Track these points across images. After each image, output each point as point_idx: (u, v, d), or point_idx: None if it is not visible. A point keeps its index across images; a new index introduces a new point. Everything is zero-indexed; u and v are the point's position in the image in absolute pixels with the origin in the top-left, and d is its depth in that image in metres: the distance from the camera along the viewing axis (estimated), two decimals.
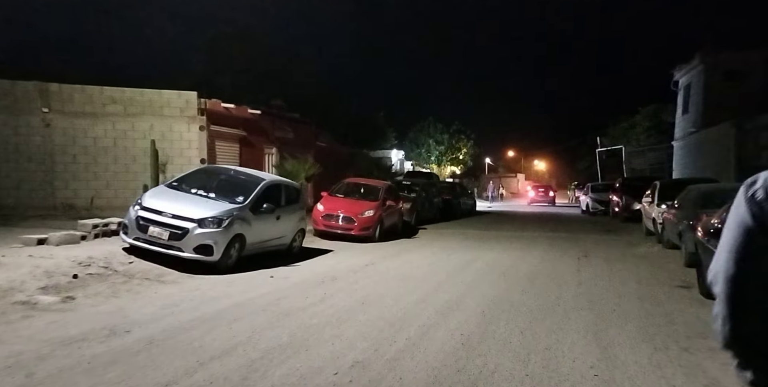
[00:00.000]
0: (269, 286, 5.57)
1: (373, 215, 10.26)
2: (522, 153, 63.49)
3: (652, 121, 27.47)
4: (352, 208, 10.22)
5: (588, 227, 14.97)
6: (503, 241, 11.19)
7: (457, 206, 18.07)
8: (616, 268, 7.60)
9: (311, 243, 9.29)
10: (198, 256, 5.74)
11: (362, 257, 7.91)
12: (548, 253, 9.20)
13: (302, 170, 13.30)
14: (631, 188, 16.34)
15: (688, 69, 18.24)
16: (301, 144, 15.86)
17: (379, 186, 11.44)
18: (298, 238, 7.87)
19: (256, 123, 13.11)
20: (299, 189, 8.17)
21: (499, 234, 12.62)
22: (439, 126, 32.02)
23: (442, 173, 32.42)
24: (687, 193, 8.67)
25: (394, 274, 6.54)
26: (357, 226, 9.93)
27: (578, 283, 6.36)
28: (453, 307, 4.96)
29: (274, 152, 14.28)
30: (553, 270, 7.37)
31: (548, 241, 11.26)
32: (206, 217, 5.83)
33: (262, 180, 6.94)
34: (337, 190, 11.13)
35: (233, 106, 11.83)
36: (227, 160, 11.58)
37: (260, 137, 13.44)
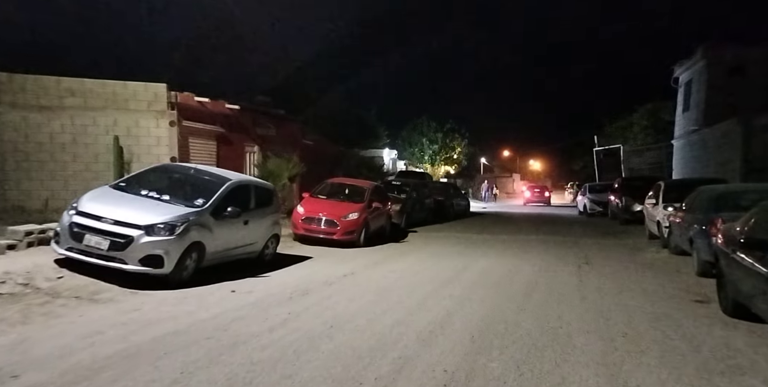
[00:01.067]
0: (227, 303, 4.79)
1: (358, 218, 9.49)
2: (518, 153, 63.12)
3: (650, 120, 26.88)
4: (335, 210, 9.44)
5: (587, 230, 14.28)
6: (497, 245, 10.45)
7: (449, 207, 17.34)
8: (622, 278, 6.87)
9: (289, 249, 8.50)
10: (145, 268, 4.94)
11: (342, 265, 7.14)
12: (546, 260, 8.46)
13: (285, 170, 12.51)
14: (631, 189, 15.67)
15: (690, 65, 17.59)
16: (286, 142, 15.04)
17: (365, 186, 10.66)
18: (271, 245, 7.08)
19: (235, 119, 12.28)
20: (272, 190, 7.36)
21: (493, 237, 11.89)
22: (433, 124, 31.25)
23: (435, 173, 31.67)
24: (698, 195, 7.96)
25: (374, 287, 5.77)
26: (340, 230, 9.15)
27: (581, 298, 5.62)
28: (436, 330, 4.20)
29: (255, 150, 13.46)
30: (552, 280, 6.63)
31: (545, 245, 10.54)
32: (155, 223, 5.03)
33: (228, 180, 6.13)
34: (320, 191, 10.34)
35: (208, 100, 10.98)
36: (202, 158, 10.75)
37: (240, 134, 12.62)
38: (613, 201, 16.71)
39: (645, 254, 9.23)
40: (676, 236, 8.53)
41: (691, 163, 17.76)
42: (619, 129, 30.35)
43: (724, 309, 5.03)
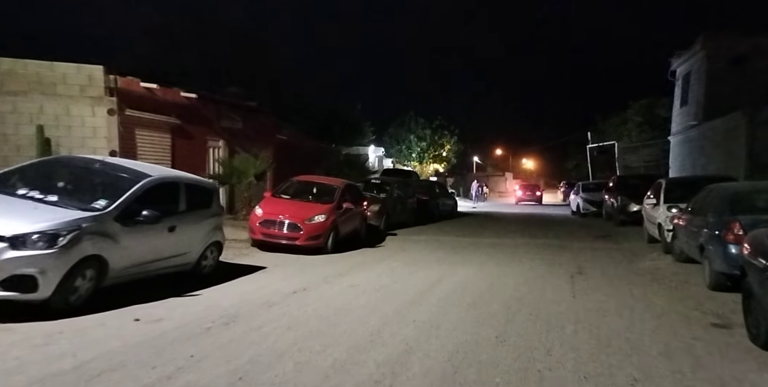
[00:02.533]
0: (114, 340, 3.64)
1: (325, 221, 8.39)
2: (510, 151, 62.50)
3: (645, 116, 26.05)
4: (299, 212, 8.33)
5: (580, 232, 13.29)
6: (481, 251, 9.41)
7: (434, 208, 16.29)
8: (622, 293, 5.85)
9: (243, 257, 7.39)
10: (9, 293, 3.81)
11: (298, 278, 6.04)
12: (534, 269, 7.43)
13: (252, 166, 11.36)
14: (627, 187, 14.75)
15: (688, 56, 16.68)
16: (257, 137, 13.91)
17: (336, 185, 9.56)
18: (210, 255, 5.95)
19: (195, 110, 11.12)
20: (212, 189, 6.18)
21: (478, 241, 10.85)
22: (421, 121, 30.14)
23: (424, 171, 30.62)
24: (707, 195, 6.96)
25: (323, 310, 4.68)
26: (303, 235, 8.05)
27: (575, 322, 4.58)
28: (386, 379, 3.13)
29: (220, 145, 12.32)
30: (541, 296, 5.59)
31: (535, 250, 9.51)
32: (26, 232, 3.88)
33: (145, 177, 4.95)
34: (284, 191, 9.22)
35: (156, 87, 9.73)
36: (153, 153, 9.60)
37: (202, 127, 11.46)
38: (608, 201, 15.75)
39: (645, 261, 8.24)
40: (681, 241, 7.54)
41: (690, 160, 16.86)
42: (613, 126, 29.52)
43: (753, 338, 4.01)
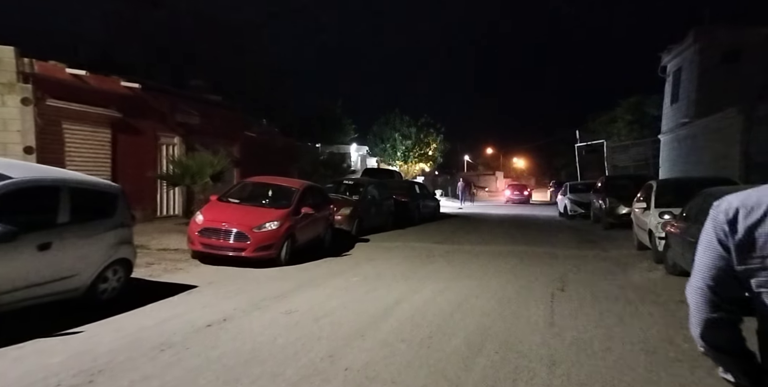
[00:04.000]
0: None
1: (278, 229, 7.41)
2: (501, 150, 62.14)
3: (634, 115, 25.43)
4: (247, 218, 7.34)
5: (566, 236, 12.47)
6: (456, 260, 8.51)
7: (414, 210, 15.37)
8: (610, 318, 4.97)
9: (175, 273, 6.39)
10: None
11: (226, 302, 5.04)
12: (511, 284, 6.54)
13: (208, 166, 10.32)
14: (616, 188, 13.97)
15: (680, 50, 15.94)
16: (221, 133, 12.87)
17: (295, 187, 8.57)
18: (113, 276, 4.89)
19: (143, 103, 10.03)
20: (114, 194, 5.08)
21: (455, 249, 9.95)
22: (406, 118, 29.16)
23: (410, 171, 29.70)
24: (704, 200, 6.12)
25: (233, 354, 3.68)
26: (251, 245, 7.06)
27: (550, 363, 3.68)
28: None
29: (176, 142, 11.25)
30: (513, 324, 4.68)
31: (515, 260, 8.63)
32: None
33: (3, 178, 3.86)
34: (232, 194, 8.21)
35: (85, 73, 8.57)
36: (89, 150, 8.53)
37: (152, 122, 10.38)
38: (596, 202, 14.98)
39: (635, 273, 7.39)
40: (675, 252, 6.70)
41: (681, 159, 16.15)
42: (602, 124, 28.88)
43: None
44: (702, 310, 1.13)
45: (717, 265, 1.11)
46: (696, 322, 1.14)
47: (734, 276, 1.10)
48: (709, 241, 1.12)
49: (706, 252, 1.13)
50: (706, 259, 1.13)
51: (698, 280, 1.14)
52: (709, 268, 1.12)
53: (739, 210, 1.09)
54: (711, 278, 1.11)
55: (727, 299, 1.11)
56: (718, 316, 1.11)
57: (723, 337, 1.12)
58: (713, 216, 1.12)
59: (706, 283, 1.12)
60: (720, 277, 1.10)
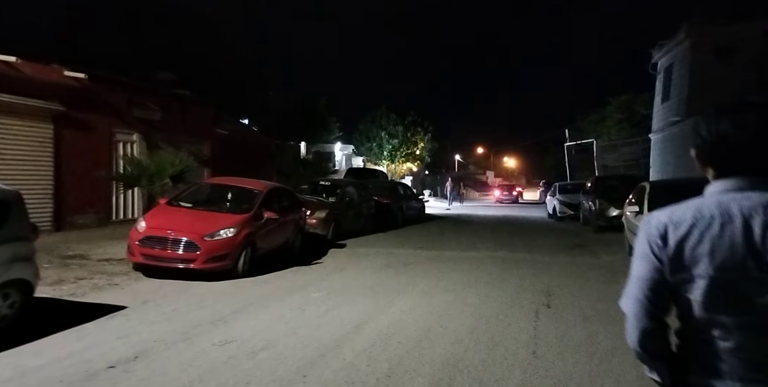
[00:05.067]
0: None
1: (234, 236, 6.64)
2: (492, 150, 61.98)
3: (624, 113, 25.02)
4: (198, 225, 6.55)
5: (554, 240, 11.85)
6: (435, 269, 7.82)
7: (397, 212, 14.67)
8: (603, 341, 4.30)
9: (107, 289, 5.59)
10: None
11: (152, 329, 4.22)
12: (491, 299, 5.86)
13: (168, 165, 9.46)
14: (606, 189, 13.42)
15: (671, 46, 15.42)
16: (189, 130, 12.03)
17: (258, 189, 7.79)
18: (2, 301, 4.01)
19: (94, 95, 9.13)
20: (6, 200, 4.13)
21: (436, 255, 9.25)
22: (393, 117, 28.39)
23: (397, 171, 28.99)
24: None
25: None
26: (201, 256, 6.28)
27: None
28: None
29: (134, 139, 10.37)
30: (489, 356, 3.99)
31: (498, 269, 7.96)
32: None
33: None
34: (185, 197, 7.41)
35: (16, 60, 7.59)
36: (24, 147, 7.65)
37: (105, 117, 9.49)
38: (586, 203, 14.41)
39: None
40: None
41: (672, 159, 15.64)
42: (592, 123, 28.49)
43: None
44: (640, 320, 1.20)
45: (653, 276, 1.19)
46: (634, 331, 1.21)
47: (667, 286, 1.18)
48: (645, 254, 1.20)
49: (642, 264, 1.21)
50: (643, 271, 1.20)
51: (636, 292, 1.21)
52: (645, 279, 1.20)
53: (668, 225, 1.18)
54: (648, 289, 1.19)
55: (662, 308, 1.20)
56: (655, 325, 1.19)
57: (658, 344, 1.21)
58: (646, 231, 1.21)
59: (643, 293, 1.20)
60: (655, 287, 1.19)
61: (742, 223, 1.10)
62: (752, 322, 1.10)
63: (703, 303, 1.12)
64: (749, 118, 1.17)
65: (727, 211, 1.13)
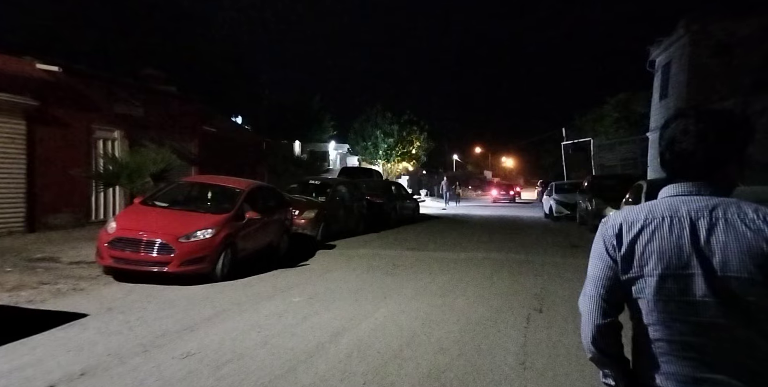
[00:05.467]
0: None
1: (213, 237, 6.31)
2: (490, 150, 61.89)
3: (622, 112, 24.77)
4: (173, 225, 6.22)
5: (549, 241, 11.56)
6: (425, 271, 7.51)
7: (390, 212, 14.36)
8: None
9: (72, 294, 5.26)
10: None
11: (104, 343, 3.83)
12: (481, 304, 5.56)
13: (149, 163, 9.12)
14: (603, 189, 13.15)
15: (669, 43, 15.15)
16: (175, 128, 11.69)
17: (240, 188, 7.46)
18: None
19: (70, 90, 8.75)
20: None
21: (428, 257, 8.95)
22: (389, 115, 28.04)
23: (393, 170, 28.64)
24: None
25: None
26: (176, 258, 5.94)
27: None
28: None
29: (116, 137, 10.01)
30: (475, 367, 3.69)
31: (490, 270, 7.67)
32: None
33: None
34: (162, 196, 7.06)
35: None
36: None
37: (84, 113, 9.12)
38: (582, 203, 14.14)
39: None
40: None
41: None
42: (590, 122, 28.24)
43: None
44: (594, 317, 1.22)
45: (607, 275, 1.21)
46: (588, 329, 1.23)
47: (620, 285, 1.20)
48: (600, 254, 1.23)
49: (597, 263, 1.24)
50: (598, 270, 1.23)
51: (591, 290, 1.24)
52: (600, 278, 1.22)
53: (623, 225, 1.21)
54: (602, 287, 1.21)
55: (616, 307, 1.21)
56: (608, 322, 1.21)
57: (610, 343, 1.23)
58: (602, 231, 1.25)
59: (598, 292, 1.22)
60: (609, 286, 1.21)
61: (689, 224, 1.15)
62: (696, 321, 1.12)
63: (651, 301, 1.15)
64: (690, 124, 1.20)
65: (676, 212, 1.17)
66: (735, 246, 1.10)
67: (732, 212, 1.14)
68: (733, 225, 1.12)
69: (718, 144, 1.18)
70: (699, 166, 1.19)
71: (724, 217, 1.13)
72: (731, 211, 1.14)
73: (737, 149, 1.21)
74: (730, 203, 1.16)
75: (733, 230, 1.12)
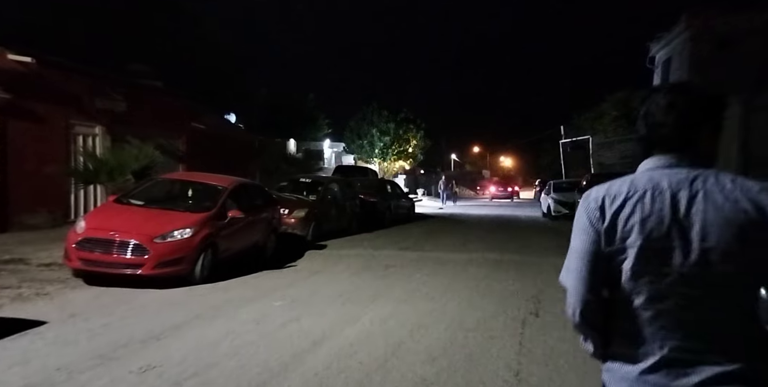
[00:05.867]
0: None
1: (191, 237, 5.96)
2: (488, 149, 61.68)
3: (621, 110, 24.47)
4: (148, 225, 5.86)
5: (547, 241, 11.23)
6: (418, 272, 7.18)
7: (385, 211, 14.01)
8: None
9: (35, 299, 4.90)
10: None
11: (56, 355, 3.46)
12: (474, 308, 5.24)
13: (131, 160, 8.74)
14: None
15: (670, 39, 14.85)
16: (161, 124, 11.32)
17: (222, 186, 7.09)
18: None
19: (46, 83, 8.35)
20: None
21: (421, 257, 8.62)
22: (385, 113, 27.67)
23: (389, 169, 28.29)
24: None
25: None
26: (151, 260, 5.59)
27: None
28: None
29: (97, 132, 9.62)
30: (465, 378, 3.37)
31: (485, 271, 7.35)
32: None
33: None
34: (138, 194, 6.69)
35: None
36: None
37: (62, 107, 8.72)
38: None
39: None
40: None
41: None
42: (589, 120, 27.93)
43: None
44: (581, 291, 1.24)
45: (591, 248, 1.22)
46: (576, 303, 1.25)
47: (603, 257, 1.21)
48: (583, 227, 1.24)
49: (580, 237, 1.24)
50: (581, 244, 1.24)
51: (576, 263, 1.25)
52: (585, 251, 1.23)
53: (605, 198, 1.22)
54: (588, 261, 1.22)
55: (600, 280, 1.23)
56: (594, 295, 1.23)
57: (597, 315, 1.25)
58: (585, 205, 1.25)
59: (584, 265, 1.23)
60: (594, 259, 1.22)
61: (670, 196, 1.16)
62: (673, 291, 1.14)
63: (630, 271, 1.17)
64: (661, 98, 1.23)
65: (657, 184, 1.19)
66: (713, 217, 1.12)
67: (711, 183, 1.16)
68: (711, 196, 1.14)
69: (687, 113, 1.20)
70: (672, 137, 1.21)
71: (704, 188, 1.15)
72: (710, 183, 1.16)
73: (708, 118, 1.21)
74: (709, 174, 1.17)
75: (712, 201, 1.13)
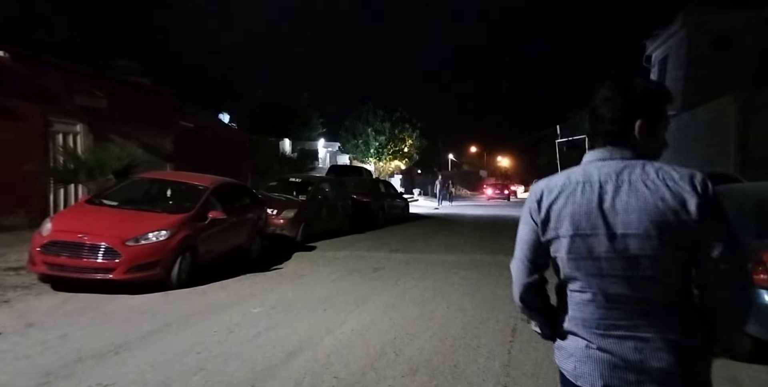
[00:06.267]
0: None
1: (168, 240, 5.67)
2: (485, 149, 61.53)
3: None
4: (120, 227, 5.56)
5: None
6: (407, 275, 6.92)
7: (378, 211, 13.75)
8: None
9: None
10: None
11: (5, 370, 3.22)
12: (463, 314, 4.98)
13: (113, 159, 8.42)
14: None
15: (666, 37, 14.63)
16: (148, 122, 11.01)
17: (203, 185, 6.80)
18: None
19: (21, 78, 8.04)
20: None
21: (411, 259, 8.35)
22: (380, 113, 27.39)
23: (385, 169, 28.00)
24: None
25: None
26: (122, 264, 5.29)
27: None
28: None
29: (78, 130, 9.31)
30: None
31: (475, 274, 7.09)
32: None
33: None
34: (112, 194, 6.38)
35: None
36: None
37: (38, 103, 8.40)
38: None
39: None
40: None
41: (668, 155, 14.88)
42: (584, 119, 27.83)
43: None
44: (521, 277, 1.36)
45: (531, 238, 1.33)
46: (517, 287, 1.37)
47: (541, 246, 1.32)
48: (525, 219, 1.35)
49: (523, 227, 1.35)
50: (524, 234, 1.35)
51: (518, 252, 1.36)
52: (525, 241, 1.34)
53: (544, 191, 1.32)
54: (528, 249, 1.33)
55: (540, 266, 1.34)
56: (532, 280, 1.35)
57: (535, 298, 1.38)
58: (529, 197, 1.36)
59: (524, 253, 1.34)
60: (533, 248, 1.33)
61: (598, 188, 1.25)
62: (602, 276, 1.23)
63: (565, 259, 1.27)
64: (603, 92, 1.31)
65: (589, 177, 1.28)
66: (635, 206, 1.20)
67: (636, 174, 1.23)
68: (635, 186, 1.21)
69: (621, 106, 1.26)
70: (609, 131, 1.28)
71: (629, 179, 1.23)
72: (636, 174, 1.23)
73: (642, 111, 1.26)
74: (636, 166, 1.24)
75: (635, 191, 1.21)
